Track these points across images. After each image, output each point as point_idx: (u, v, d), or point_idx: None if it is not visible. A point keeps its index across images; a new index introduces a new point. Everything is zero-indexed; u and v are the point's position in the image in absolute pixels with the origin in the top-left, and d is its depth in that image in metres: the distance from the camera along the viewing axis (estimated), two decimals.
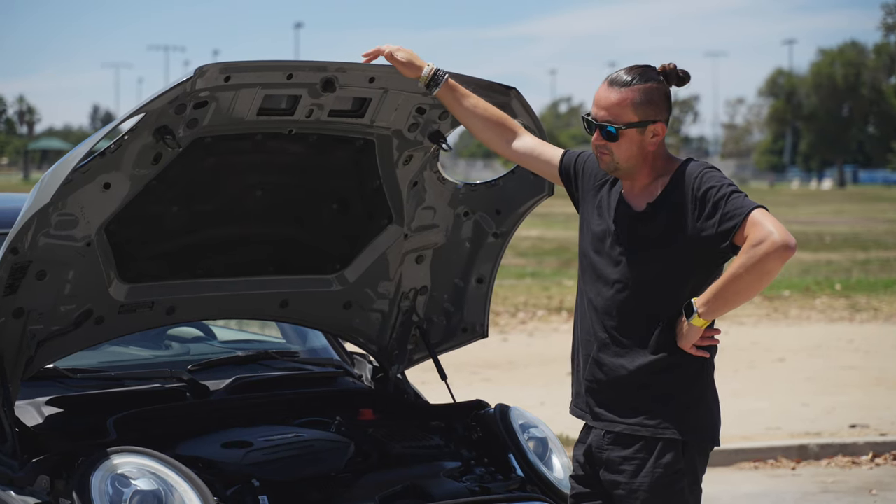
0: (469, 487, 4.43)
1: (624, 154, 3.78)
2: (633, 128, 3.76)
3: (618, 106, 3.76)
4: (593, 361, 3.84)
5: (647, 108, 3.77)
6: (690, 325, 3.69)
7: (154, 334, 5.23)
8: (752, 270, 3.57)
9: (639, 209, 3.81)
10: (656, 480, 3.74)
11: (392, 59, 4.07)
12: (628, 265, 3.78)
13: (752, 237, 3.58)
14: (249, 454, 4.23)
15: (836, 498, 7.75)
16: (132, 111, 3.88)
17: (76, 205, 4.07)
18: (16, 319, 4.15)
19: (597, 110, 3.81)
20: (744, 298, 3.66)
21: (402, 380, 5.12)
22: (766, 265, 3.56)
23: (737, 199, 3.65)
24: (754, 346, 13.54)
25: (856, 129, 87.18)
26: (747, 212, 3.62)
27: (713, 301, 3.66)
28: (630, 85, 3.76)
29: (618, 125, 3.76)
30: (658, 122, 3.79)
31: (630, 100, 3.75)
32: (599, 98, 3.81)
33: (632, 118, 3.76)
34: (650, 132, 3.78)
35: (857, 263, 23.47)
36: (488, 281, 5.02)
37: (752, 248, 3.57)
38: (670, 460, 3.74)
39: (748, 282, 3.60)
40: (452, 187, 4.78)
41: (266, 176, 4.46)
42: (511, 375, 11.57)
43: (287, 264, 4.73)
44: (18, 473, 3.94)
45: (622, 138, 3.76)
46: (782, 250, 3.55)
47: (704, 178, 3.72)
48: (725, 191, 3.67)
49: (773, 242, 3.55)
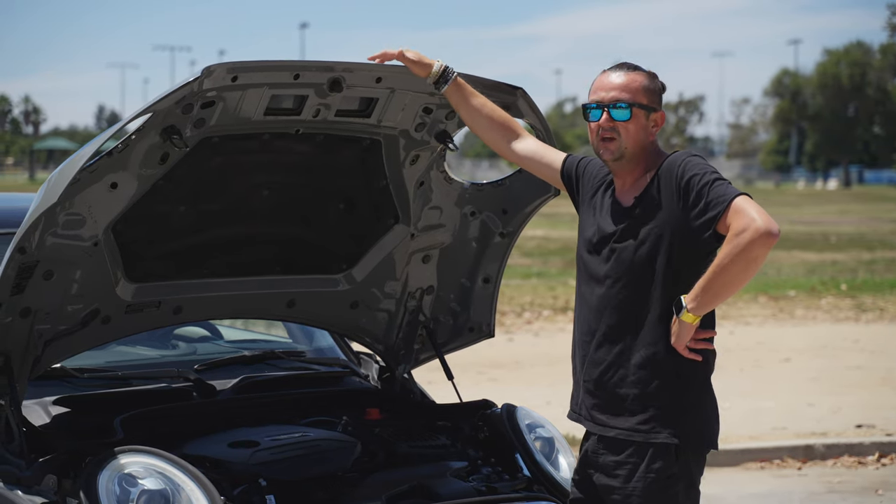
0: (476, 487, 4.43)
1: (632, 137, 3.79)
2: (643, 109, 3.79)
3: (627, 85, 3.80)
4: (589, 361, 3.85)
5: (652, 95, 3.82)
6: (681, 321, 3.67)
7: (161, 334, 5.23)
8: (737, 260, 3.56)
9: (627, 205, 3.82)
10: (649, 485, 3.74)
11: (402, 57, 4.08)
12: (617, 260, 3.79)
13: (735, 225, 3.57)
14: (256, 454, 4.24)
15: (842, 498, 7.74)
16: (139, 111, 3.88)
17: (83, 204, 4.07)
18: (23, 319, 4.15)
19: (604, 94, 3.81)
20: (732, 289, 3.64)
21: (409, 379, 5.13)
22: (751, 252, 3.55)
23: (719, 187, 3.64)
24: (760, 346, 13.52)
25: (861, 129, 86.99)
26: (730, 199, 3.61)
27: (702, 295, 3.64)
28: (636, 70, 3.83)
29: (630, 103, 3.78)
30: (660, 112, 3.84)
31: (639, 82, 3.81)
32: (605, 83, 3.82)
33: (642, 99, 3.80)
34: (653, 120, 3.82)
35: (862, 263, 23.45)
36: (495, 280, 5.03)
37: (736, 236, 3.56)
38: (662, 465, 3.73)
39: (735, 272, 3.58)
40: (459, 187, 4.78)
41: (273, 176, 4.47)
42: (517, 375, 11.57)
43: (294, 264, 4.74)
44: (25, 473, 3.94)
45: (633, 118, 3.78)
46: (766, 237, 3.54)
47: (687, 167, 3.71)
48: (708, 178, 3.67)
49: (757, 229, 3.54)
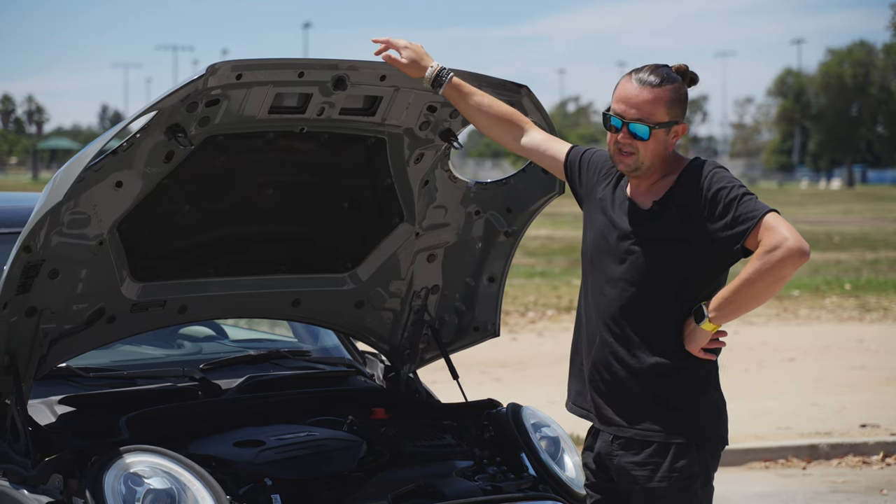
0: (481, 486, 4.42)
1: (650, 154, 3.74)
2: (662, 128, 3.73)
3: (651, 104, 3.72)
4: (599, 363, 3.81)
5: (677, 108, 3.75)
6: (700, 329, 3.67)
7: (166, 333, 5.23)
8: (765, 276, 3.56)
9: (645, 207, 3.78)
10: (673, 484, 3.72)
11: (394, 61, 4.06)
12: (633, 263, 3.75)
13: (766, 242, 3.56)
14: (262, 453, 4.23)
15: (846, 498, 7.73)
16: (144, 109, 3.88)
17: (89, 203, 4.07)
18: (28, 318, 4.15)
19: (626, 108, 3.74)
20: (756, 304, 3.64)
21: (414, 379, 5.12)
22: (781, 271, 3.55)
23: (749, 202, 3.63)
24: (764, 345, 13.52)
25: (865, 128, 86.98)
26: (761, 215, 3.60)
27: (725, 306, 3.64)
28: (662, 85, 3.73)
29: (650, 124, 3.72)
30: (682, 123, 3.78)
31: (664, 99, 3.72)
32: (629, 96, 3.74)
33: (663, 118, 3.73)
34: (673, 132, 3.76)
35: (866, 263, 23.45)
36: (499, 280, 5.01)
37: (767, 253, 3.55)
38: (685, 464, 3.72)
39: (761, 287, 3.58)
40: (463, 186, 4.78)
41: (277, 174, 4.46)
42: (521, 374, 11.57)
43: (299, 263, 4.73)
44: (31, 472, 3.94)
45: (652, 138, 3.73)
46: (797, 256, 3.54)
47: (715, 179, 3.69)
48: (737, 192, 3.65)
49: (789, 248, 3.53)
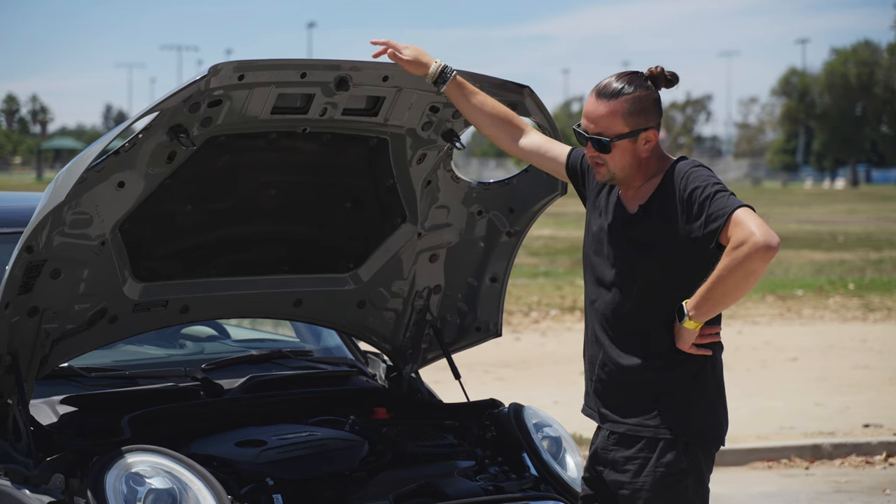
0: (483, 486, 4.42)
1: (618, 164, 3.76)
2: (624, 139, 3.73)
3: (607, 118, 3.73)
4: (598, 362, 3.86)
5: (637, 117, 3.74)
6: (684, 327, 3.69)
7: (168, 333, 5.23)
8: (735, 272, 3.56)
9: (632, 211, 3.81)
10: (658, 480, 3.74)
11: (396, 57, 4.06)
12: (623, 267, 3.79)
13: (734, 238, 3.57)
14: (264, 453, 4.23)
15: (849, 498, 7.73)
16: (146, 109, 3.88)
17: (91, 203, 4.07)
18: (30, 318, 4.15)
19: (587, 123, 3.77)
20: (732, 299, 3.64)
21: (416, 379, 5.12)
22: (749, 266, 3.54)
23: (721, 199, 3.63)
24: (767, 345, 13.51)
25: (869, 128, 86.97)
26: (730, 212, 3.60)
27: (702, 304, 3.65)
28: (619, 96, 3.73)
29: (609, 137, 3.73)
30: (650, 129, 3.76)
31: (619, 111, 3.72)
32: (588, 111, 3.77)
33: (622, 129, 3.73)
34: (643, 140, 3.76)
35: (870, 263, 23.44)
36: (502, 280, 5.02)
37: (734, 249, 3.56)
38: (672, 459, 3.74)
39: (732, 284, 3.58)
40: (466, 186, 4.78)
41: (280, 175, 4.46)
42: (524, 374, 11.56)
43: (301, 263, 4.73)
44: (33, 472, 3.94)
45: (615, 149, 3.74)
46: (764, 251, 3.52)
47: (690, 178, 3.70)
48: (710, 190, 3.66)
49: (755, 243, 3.53)
